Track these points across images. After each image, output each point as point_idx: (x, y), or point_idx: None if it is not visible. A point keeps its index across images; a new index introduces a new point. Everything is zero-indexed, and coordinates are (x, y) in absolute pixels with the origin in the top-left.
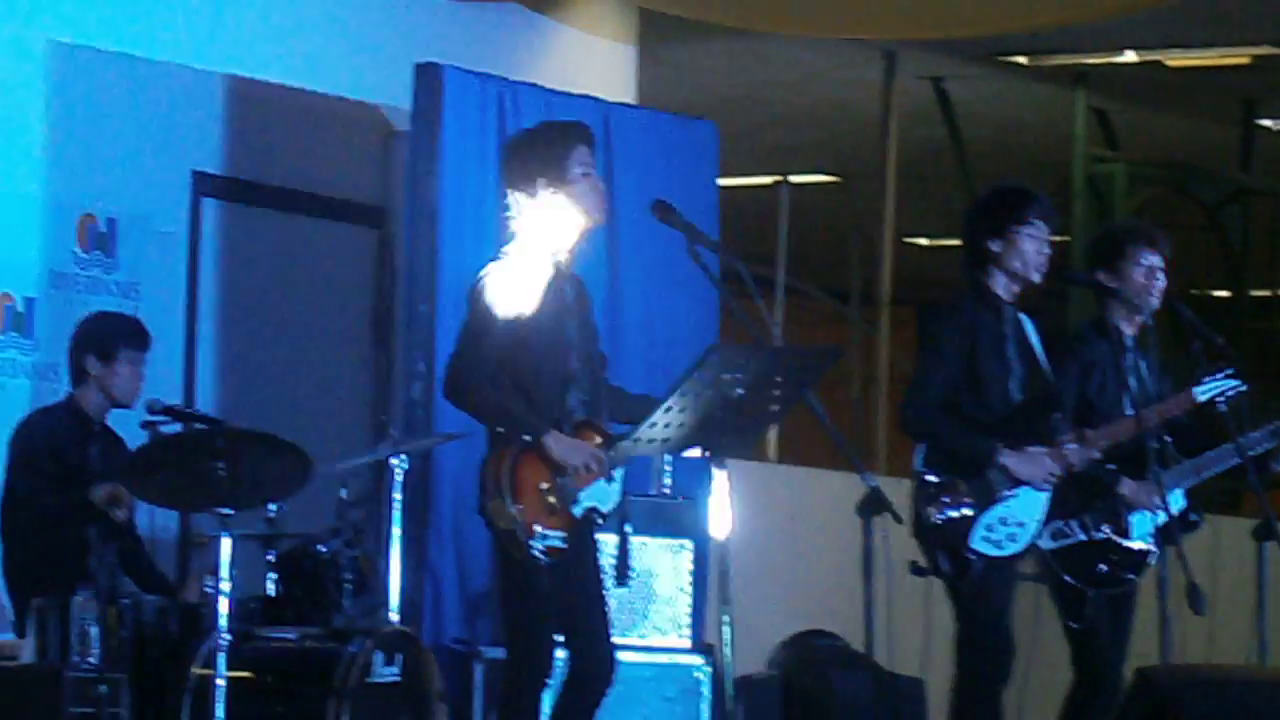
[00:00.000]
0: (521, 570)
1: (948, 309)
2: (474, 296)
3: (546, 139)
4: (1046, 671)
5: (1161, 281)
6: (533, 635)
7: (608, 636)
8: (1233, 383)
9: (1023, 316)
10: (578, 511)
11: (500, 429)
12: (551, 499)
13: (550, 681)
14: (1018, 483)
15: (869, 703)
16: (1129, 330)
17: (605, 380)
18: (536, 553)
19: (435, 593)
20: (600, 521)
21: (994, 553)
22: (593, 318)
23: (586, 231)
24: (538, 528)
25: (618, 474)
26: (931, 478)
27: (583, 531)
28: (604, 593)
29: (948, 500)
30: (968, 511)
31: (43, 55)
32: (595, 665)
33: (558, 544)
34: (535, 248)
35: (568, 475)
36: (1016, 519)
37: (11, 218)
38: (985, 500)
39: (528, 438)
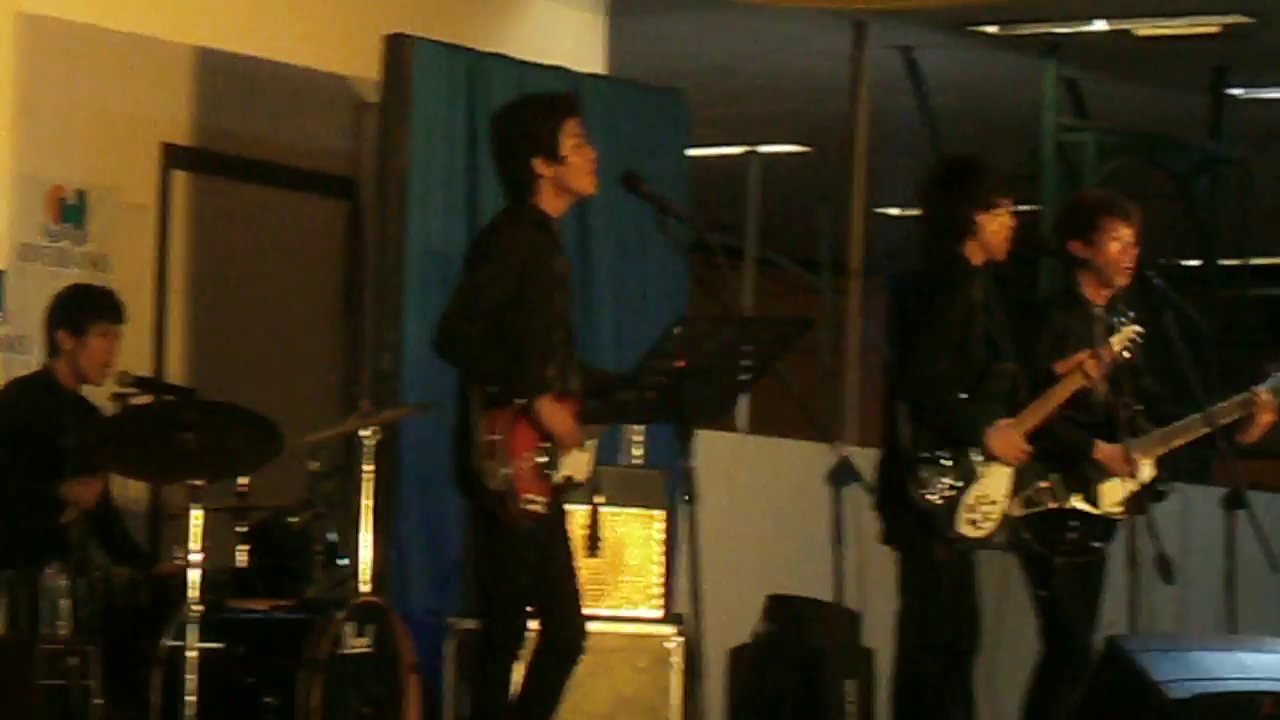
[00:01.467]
0: (503, 538)
1: (944, 284)
2: (476, 250)
3: (534, 114)
4: (1015, 643)
5: (1132, 254)
6: (508, 605)
7: (579, 608)
8: (1134, 327)
9: (987, 287)
10: (556, 479)
11: (493, 387)
12: (541, 463)
13: (519, 653)
14: (991, 459)
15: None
16: (1098, 300)
17: (575, 353)
18: (522, 518)
19: (403, 563)
20: (572, 491)
21: (974, 534)
22: (574, 291)
23: (574, 199)
24: (526, 493)
25: (590, 444)
26: (923, 456)
27: (558, 499)
28: (574, 564)
29: (941, 483)
30: (952, 492)
31: (11, 26)
32: (567, 637)
33: (539, 509)
34: (530, 214)
35: (554, 443)
36: (990, 497)
37: None
38: (968, 479)
39: (523, 401)
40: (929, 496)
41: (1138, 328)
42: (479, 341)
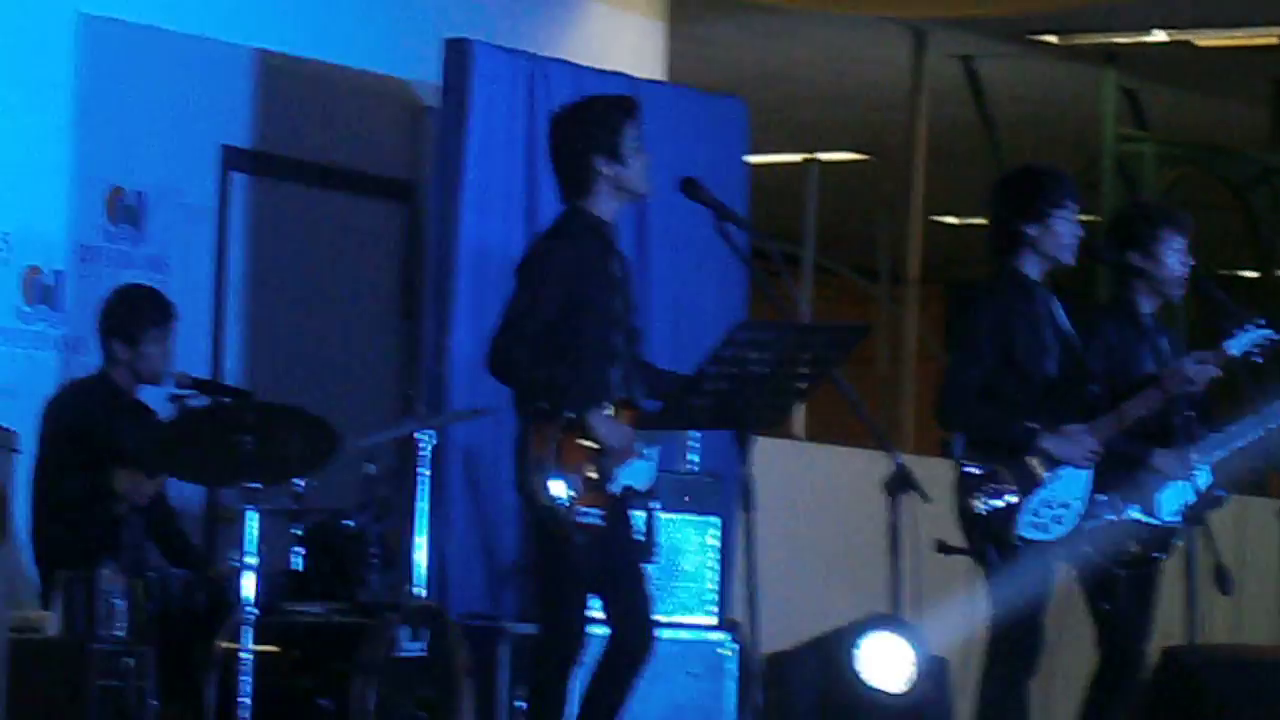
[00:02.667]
0: (558, 548)
1: (982, 297)
2: (527, 264)
3: (598, 114)
4: (1071, 653)
5: (1189, 265)
6: (566, 613)
7: (648, 613)
8: (1265, 332)
9: (1051, 296)
10: (615, 489)
11: (545, 404)
12: (593, 476)
13: (582, 661)
14: (1058, 464)
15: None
16: (1148, 309)
17: (640, 356)
18: (577, 532)
19: (447, 567)
20: (635, 500)
21: (1042, 537)
22: (633, 293)
23: (628, 202)
24: (580, 506)
25: (653, 452)
26: (973, 469)
27: (620, 509)
28: (643, 569)
29: (991, 489)
30: (1012, 499)
31: (72, 28)
32: (634, 640)
33: (596, 522)
34: (583, 218)
35: (606, 454)
36: (1060, 500)
37: (40, 191)
38: (1028, 485)
39: (571, 414)
40: (978, 504)
41: (1270, 332)
42: (529, 361)
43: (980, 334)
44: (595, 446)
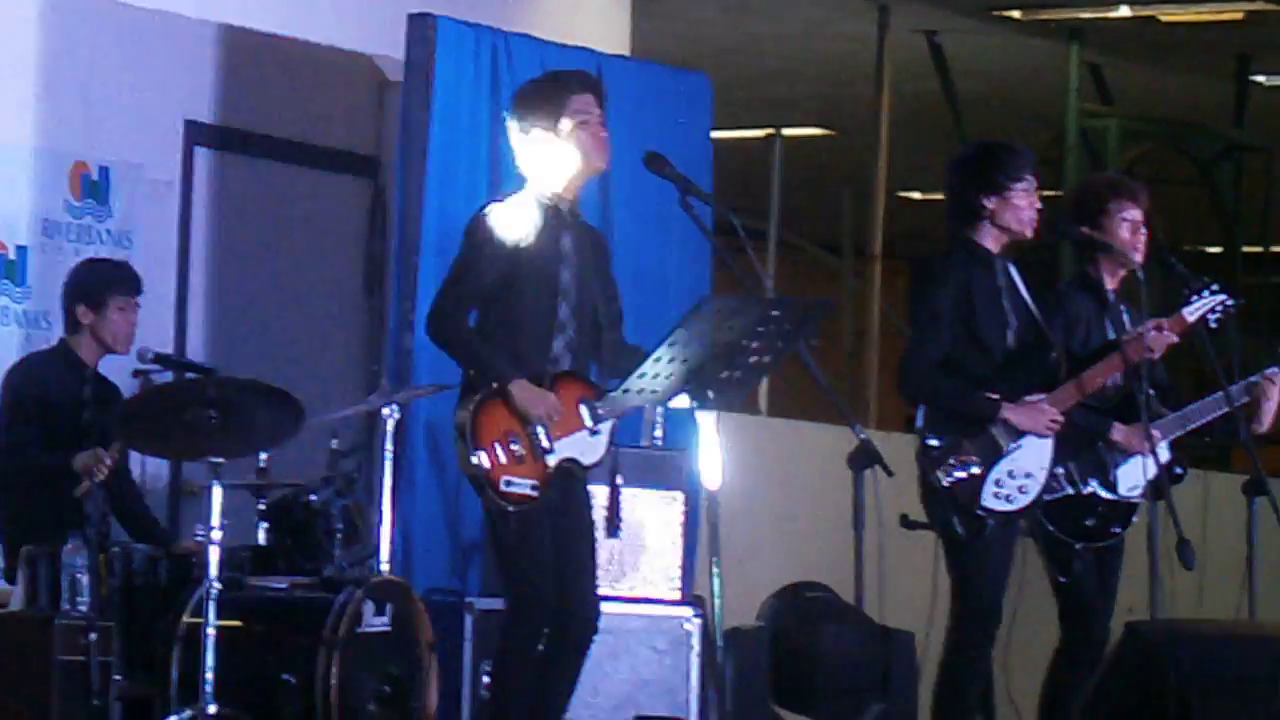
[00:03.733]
0: (494, 520)
1: (939, 269)
2: (468, 233)
3: (547, 85)
4: (1033, 627)
5: (1144, 235)
6: (521, 585)
7: (593, 589)
8: (1219, 296)
9: (1011, 266)
10: (552, 461)
11: (470, 371)
12: (517, 447)
13: (536, 633)
14: (1020, 434)
15: (859, 655)
16: (1111, 284)
17: (619, 337)
18: (502, 500)
19: (418, 542)
20: (580, 473)
21: (1005, 507)
22: (609, 272)
23: (584, 178)
24: (505, 476)
25: (604, 426)
26: (934, 440)
27: (562, 483)
28: (593, 544)
29: (954, 461)
30: (975, 470)
31: (35, 3)
32: (576, 616)
33: (526, 491)
34: (532, 191)
35: (533, 424)
36: (1024, 470)
37: (3, 166)
38: (991, 456)
39: (494, 384)
40: (942, 476)
41: (1224, 297)
42: (465, 328)
43: (940, 306)
44: (522, 417)
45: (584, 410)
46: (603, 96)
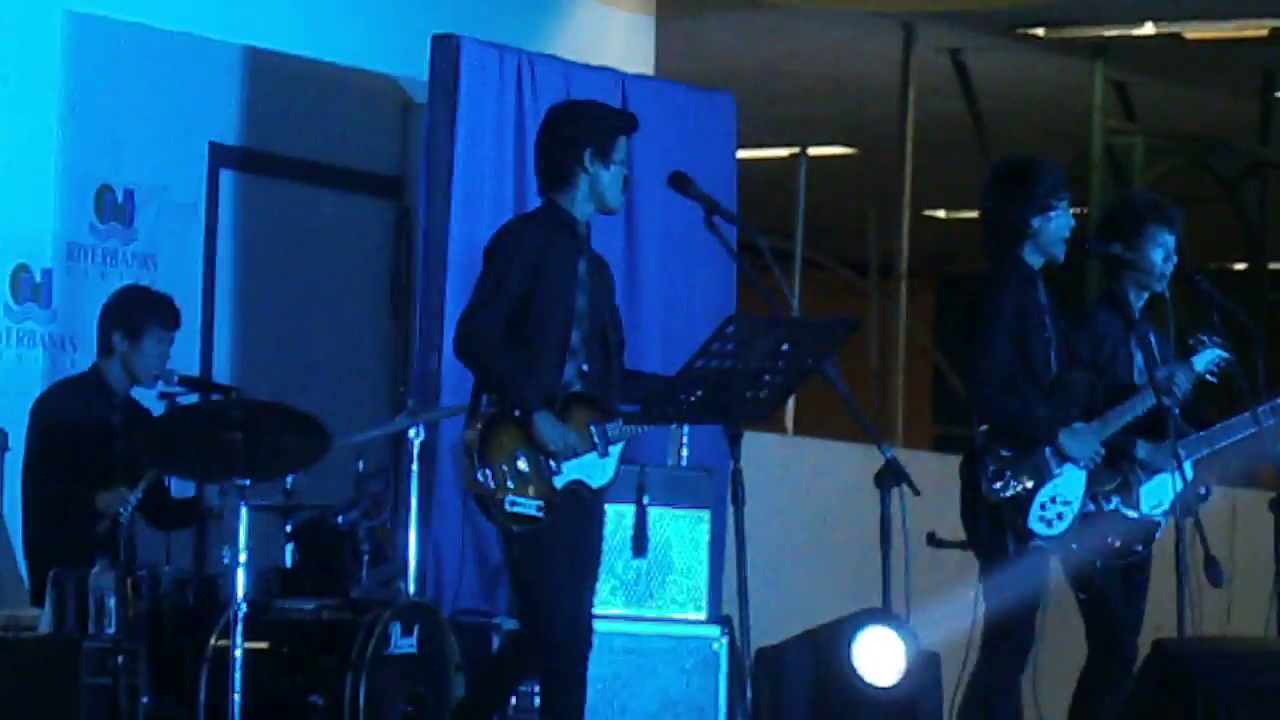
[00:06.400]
0: (505, 539)
1: (992, 288)
2: (494, 250)
3: (599, 114)
4: (1061, 646)
5: (1174, 261)
6: (529, 611)
7: (587, 611)
8: (1219, 354)
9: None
10: (559, 483)
11: (496, 394)
12: (524, 467)
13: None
14: (1066, 460)
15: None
16: (1137, 302)
17: (622, 364)
18: (507, 521)
19: (445, 563)
20: (588, 495)
21: (1046, 531)
22: (614, 300)
23: (600, 212)
24: (509, 496)
25: (614, 450)
26: (1003, 452)
27: (569, 504)
28: (596, 567)
29: (1010, 475)
30: (1029, 484)
31: (59, 26)
32: (545, 649)
33: (531, 513)
34: (560, 217)
35: (542, 450)
36: (1064, 498)
37: (29, 189)
38: (1041, 478)
39: (518, 412)
40: (1000, 490)
41: (1224, 355)
42: (496, 347)
43: (999, 324)
44: (532, 440)
45: (594, 432)
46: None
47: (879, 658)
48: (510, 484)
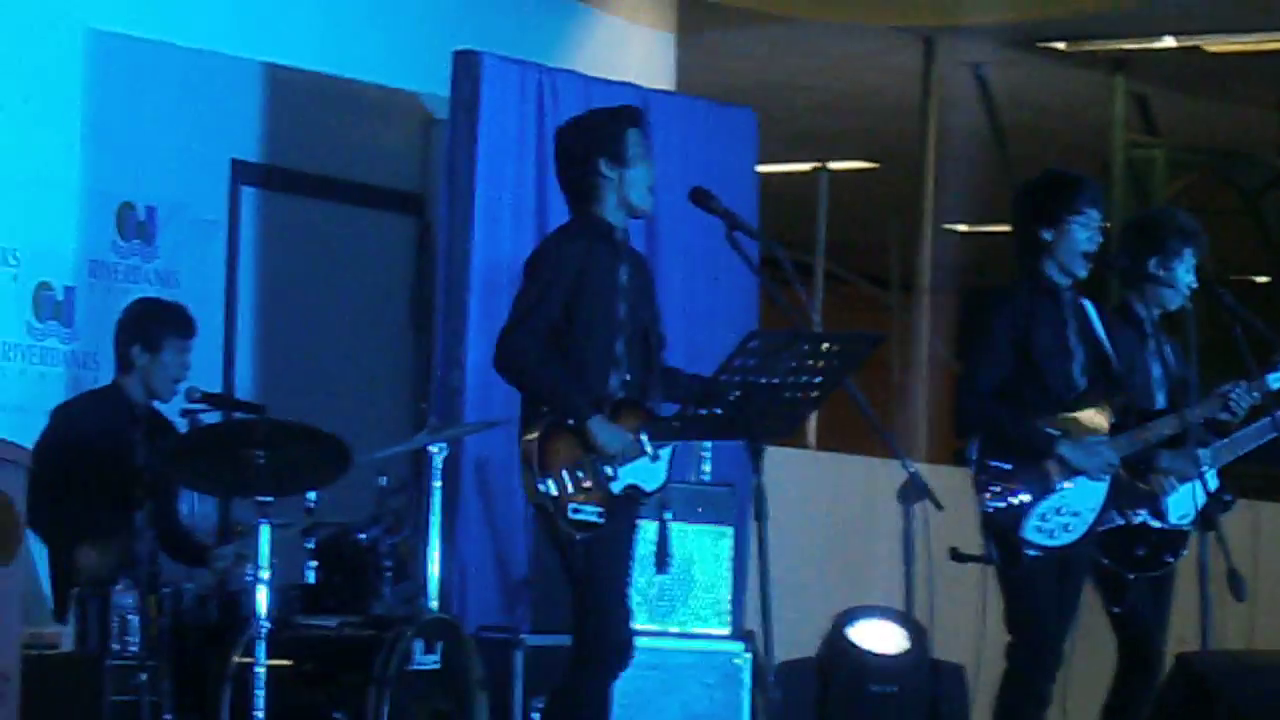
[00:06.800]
0: (565, 548)
1: (998, 298)
2: (535, 264)
3: (600, 120)
4: (1091, 656)
5: (1195, 282)
6: (591, 617)
7: (628, 619)
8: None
9: (1085, 301)
10: (616, 489)
11: (546, 407)
12: (582, 475)
13: (620, 669)
14: (1075, 473)
15: (910, 689)
16: (1151, 315)
17: (662, 362)
18: (571, 529)
19: (468, 579)
20: (643, 501)
21: (1046, 542)
22: (654, 299)
23: (633, 213)
24: (571, 504)
25: (664, 454)
26: (994, 464)
27: (622, 510)
28: (628, 577)
29: (999, 489)
30: (1025, 497)
31: (81, 44)
32: (602, 651)
33: (593, 519)
34: (597, 227)
35: (601, 456)
36: (1072, 509)
37: (50, 206)
38: (1040, 490)
39: (571, 421)
40: (989, 504)
41: (1233, 397)
42: (537, 359)
43: (994, 337)
44: (589, 447)
45: (644, 437)
46: (646, 130)
47: (878, 636)
48: (572, 491)
